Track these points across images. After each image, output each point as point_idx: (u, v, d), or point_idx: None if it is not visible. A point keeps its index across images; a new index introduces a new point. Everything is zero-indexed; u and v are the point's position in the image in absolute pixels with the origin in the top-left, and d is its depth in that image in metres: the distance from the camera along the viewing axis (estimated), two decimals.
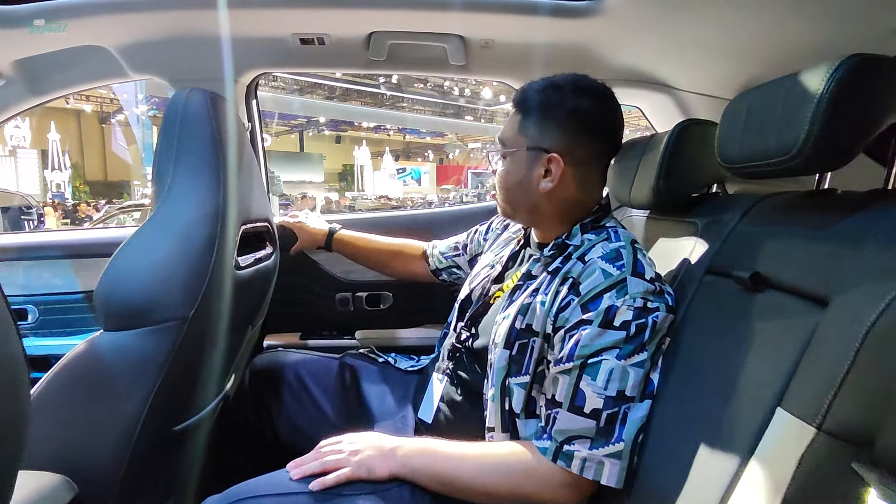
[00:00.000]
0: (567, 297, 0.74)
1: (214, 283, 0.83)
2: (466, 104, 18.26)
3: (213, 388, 1.03)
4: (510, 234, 1.04)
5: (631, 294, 0.70)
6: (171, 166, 0.83)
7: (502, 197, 0.85)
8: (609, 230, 0.81)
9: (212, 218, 0.83)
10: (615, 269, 0.73)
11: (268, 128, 18.58)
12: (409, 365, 1.14)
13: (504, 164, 0.82)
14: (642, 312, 0.70)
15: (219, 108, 0.88)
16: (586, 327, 0.70)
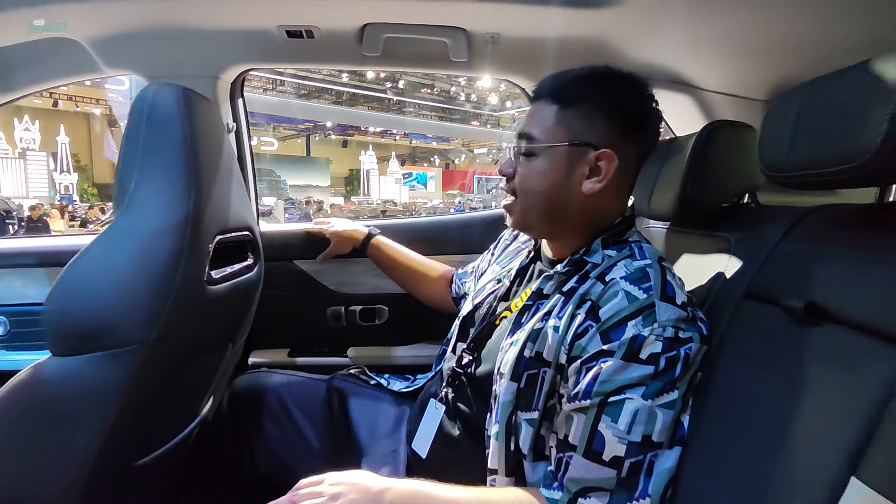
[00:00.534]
0: (584, 322, 0.64)
1: (181, 300, 0.74)
2: (472, 109, 18.21)
3: (185, 415, 0.93)
4: (519, 245, 0.94)
5: (660, 322, 0.61)
6: (134, 170, 0.74)
7: (528, 203, 0.73)
8: (633, 246, 0.71)
9: (180, 227, 0.74)
10: (641, 293, 0.63)
11: (274, 132, 18.64)
12: (403, 386, 1.04)
13: (534, 163, 0.71)
14: (673, 344, 0.60)
15: (193, 105, 0.79)
16: (607, 360, 0.60)
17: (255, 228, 1.02)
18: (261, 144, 17.92)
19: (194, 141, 0.77)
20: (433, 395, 0.86)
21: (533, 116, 0.72)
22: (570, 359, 0.65)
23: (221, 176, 0.87)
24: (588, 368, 0.62)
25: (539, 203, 0.72)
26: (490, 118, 19.27)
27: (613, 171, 0.68)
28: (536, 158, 0.71)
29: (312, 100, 15.93)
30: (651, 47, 0.98)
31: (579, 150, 0.69)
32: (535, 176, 0.71)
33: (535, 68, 1.07)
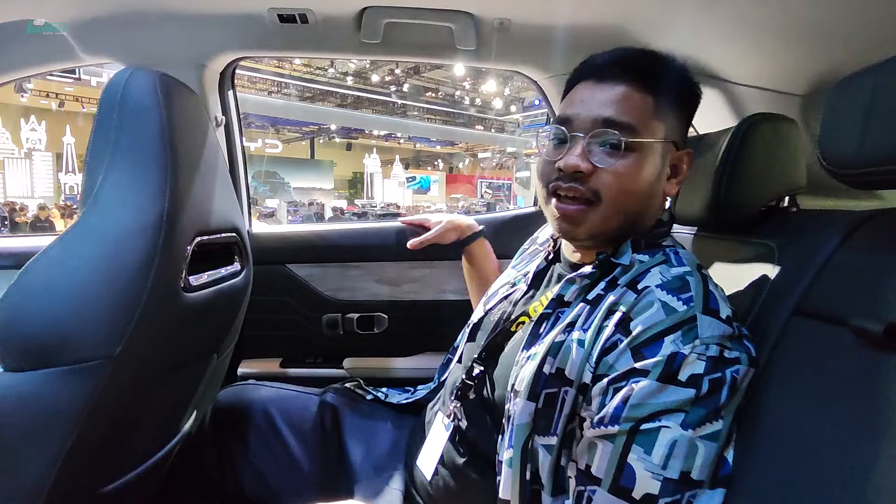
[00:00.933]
0: (613, 336, 0.56)
1: (152, 310, 0.66)
2: (477, 113, 18.16)
3: (161, 434, 0.85)
4: (537, 247, 0.86)
5: (703, 339, 0.53)
6: (104, 163, 0.66)
7: (617, 207, 0.61)
8: (668, 251, 0.63)
9: (152, 228, 0.66)
10: (680, 304, 0.55)
11: (279, 134, 18.66)
12: (403, 398, 0.95)
13: (630, 160, 0.60)
14: (718, 364, 0.52)
15: (172, 93, 0.72)
16: (639, 380, 0.53)
17: (243, 230, 0.94)
18: (265, 147, 17.94)
19: (172, 132, 0.69)
20: (439, 410, 0.78)
21: (620, 102, 0.60)
22: (596, 377, 0.56)
23: (203, 172, 0.79)
24: (616, 389, 0.54)
25: (631, 207, 0.62)
26: (494, 122, 19.21)
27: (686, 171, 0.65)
28: (632, 154, 0.60)
29: (317, 103, 15.92)
30: (675, 35, 0.89)
31: (668, 146, 0.63)
32: (633, 175, 0.60)
33: (547, 58, 0.99)
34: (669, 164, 0.63)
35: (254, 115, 15.20)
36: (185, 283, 0.73)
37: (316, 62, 13.88)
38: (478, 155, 23.51)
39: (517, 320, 0.71)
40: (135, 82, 0.68)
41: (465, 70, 14.12)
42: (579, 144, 0.60)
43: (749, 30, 0.85)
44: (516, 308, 0.74)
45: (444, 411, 0.76)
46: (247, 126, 16.93)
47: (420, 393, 0.95)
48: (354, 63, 13.66)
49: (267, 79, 14.04)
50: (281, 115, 14.91)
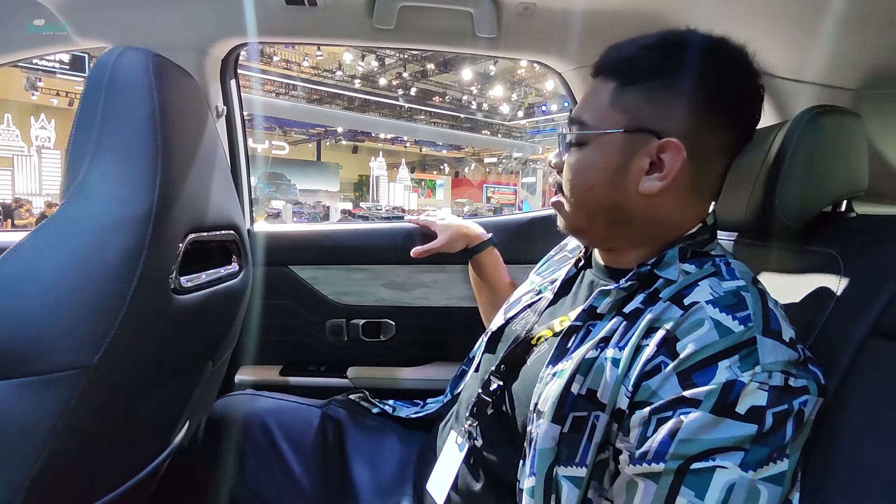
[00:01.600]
0: (655, 357, 0.49)
1: (137, 313, 0.59)
2: (484, 118, 18.13)
3: (148, 448, 0.78)
4: (566, 254, 0.79)
5: (764, 365, 0.46)
6: (88, 150, 0.60)
7: (577, 202, 0.60)
8: (718, 261, 0.55)
9: (139, 222, 0.59)
10: (737, 324, 0.48)
11: (286, 136, 18.70)
12: (412, 412, 0.88)
13: (582, 154, 0.59)
14: (783, 395, 0.45)
15: (166, 75, 0.65)
16: (689, 411, 0.46)
17: (243, 228, 0.87)
18: (272, 148, 17.98)
19: (164, 117, 0.62)
20: (452, 427, 0.71)
21: (587, 97, 0.60)
22: (635, 404, 0.49)
23: (199, 163, 0.73)
24: (661, 420, 0.47)
25: (590, 203, 0.58)
26: (501, 128, 19.16)
27: (680, 167, 0.53)
28: (586, 148, 0.58)
29: (324, 105, 15.93)
30: (716, 23, 0.81)
31: (638, 137, 0.55)
32: (582, 170, 0.58)
33: (573, 48, 0.92)
34: (646, 155, 0.54)
35: (261, 116, 15.24)
36: (175, 283, 0.66)
37: (324, 64, 13.90)
38: (484, 160, 23.48)
39: (540, 335, 0.64)
40: (125, 61, 0.62)
41: (472, 74, 14.10)
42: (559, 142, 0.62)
43: (798, 17, 0.78)
44: (541, 318, 0.67)
45: (457, 429, 0.69)
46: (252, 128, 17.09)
47: (431, 407, 0.87)
48: (362, 66, 13.66)
49: (275, 80, 14.07)
50: (288, 117, 14.92)
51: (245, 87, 14.10)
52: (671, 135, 0.53)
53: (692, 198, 0.57)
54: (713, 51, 0.55)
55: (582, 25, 0.85)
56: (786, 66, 0.85)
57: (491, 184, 22.64)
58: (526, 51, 0.96)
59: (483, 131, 19.26)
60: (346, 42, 0.93)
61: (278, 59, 13.27)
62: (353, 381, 1.15)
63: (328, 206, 14.91)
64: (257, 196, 15.19)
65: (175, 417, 0.87)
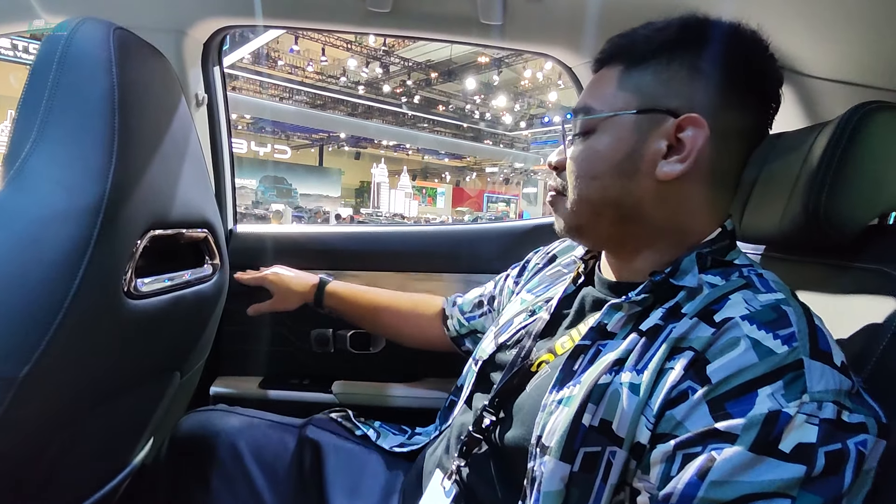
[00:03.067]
0: (682, 381, 0.42)
1: (78, 319, 0.51)
2: (486, 128, 18.13)
3: (104, 468, 0.70)
4: (560, 269, 0.71)
5: (813, 394, 0.38)
6: (32, 129, 0.52)
7: (580, 194, 0.53)
8: (747, 272, 0.48)
9: (86, 213, 0.51)
10: (779, 343, 0.41)
11: (289, 140, 18.71)
12: (396, 443, 0.80)
13: (589, 142, 0.52)
14: (836, 432, 0.38)
15: (131, 52, 0.58)
16: (723, 447, 0.38)
17: (217, 226, 0.79)
18: (274, 152, 17.99)
19: (124, 96, 0.55)
20: (438, 465, 0.63)
21: (591, 87, 0.55)
22: (657, 437, 0.42)
23: (167, 151, 0.65)
24: (688, 457, 0.39)
25: (595, 195, 0.52)
26: (503, 138, 19.16)
27: (702, 146, 0.48)
28: (591, 136, 0.52)
29: (328, 111, 15.92)
30: (747, 15, 0.74)
31: (652, 118, 0.49)
32: (588, 158, 0.52)
33: (587, 40, 0.84)
34: (662, 136, 0.49)
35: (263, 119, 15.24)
36: (128, 286, 0.58)
37: (329, 70, 13.92)
38: (485, 169, 23.49)
39: (539, 360, 0.56)
40: (82, 33, 0.54)
41: (476, 84, 14.11)
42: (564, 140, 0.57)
43: (834, 11, 0.70)
44: (538, 343, 0.59)
45: (444, 469, 0.61)
46: (257, 131, 17.09)
47: (417, 441, 0.79)
48: (366, 72, 13.68)
49: (279, 84, 14.08)
50: (291, 122, 14.91)
51: (247, 90, 14.15)
52: (690, 111, 0.48)
53: (712, 188, 0.51)
54: (727, 30, 0.50)
55: (596, 14, 0.77)
56: (820, 65, 0.78)
57: (492, 193, 22.61)
58: (534, 41, 0.88)
59: (485, 141, 19.26)
60: (338, 27, 0.86)
61: (283, 62, 13.29)
62: (338, 397, 1.06)
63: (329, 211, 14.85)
64: (259, 199, 15.16)
65: (136, 434, 0.78)
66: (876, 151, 0.53)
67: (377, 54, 12.72)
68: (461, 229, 1.14)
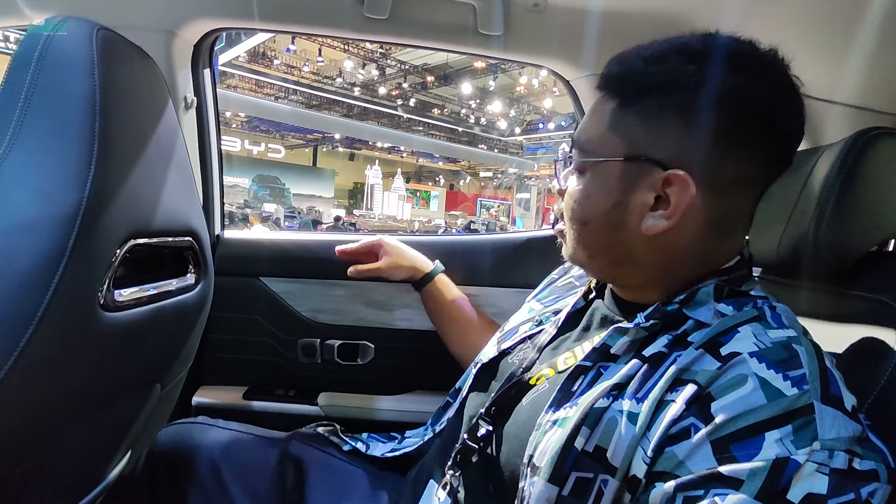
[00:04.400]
0: (684, 417, 0.40)
1: (47, 334, 0.48)
2: (481, 133, 18.16)
3: (76, 483, 0.67)
4: (571, 280, 0.69)
5: (825, 441, 0.37)
6: (6, 132, 0.50)
7: (575, 234, 0.52)
8: (761, 304, 0.46)
9: (61, 222, 0.49)
10: (789, 385, 0.39)
11: (283, 140, 18.63)
12: (387, 449, 0.77)
13: (580, 182, 0.51)
14: (846, 481, 0.36)
15: (115, 53, 0.56)
16: (727, 493, 0.36)
17: (202, 233, 0.77)
18: (268, 151, 17.89)
19: (107, 100, 0.52)
20: (431, 475, 0.61)
21: (589, 117, 0.52)
22: (655, 475, 0.40)
23: (150, 156, 0.62)
24: (689, 500, 0.37)
25: (587, 239, 0.51)
26: (498, 143, 19.21)
27: (689, 204, 0.44)
28: (584, 176, 0.51)
29: (323, 111, 15.87)
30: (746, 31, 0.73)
31: (639, 166, 0.46)
32: (580, 201, 0.51)
33: (587, 53, 0.83)
34: (649, 188, 0.46)
35: (259, 119, 15.17)
36: (105, 298, 0.55)
37: (325, 71, 13.88)
38: (480, 174, 23.53)
39: (539, 374, 0.54)
40: (64, 31, 0.52)
41: (471, 89, 14.14)
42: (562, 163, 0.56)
43: (836, 31, 0.70)
44: (542, 355, 0.58)
45: (437, 479, 0.59)
46: (251, 130, 16.99)
47: (409, 443, 0.77)
48: (363, 74, 13.65)
49: (274, 84, 14.02)
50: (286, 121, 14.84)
51: (243, 88, 14.06)
52: (678, 165, 0.44)
53: (713, 235, 0.48)
54: (735, 59, 0.45)
55: (597, 28, 0.76)
56: (818, 85, 0.77)
57: (486, 198, 22.65)
58: (532, 53, 0.87)
59: (480, 145, 19.30)
60: (333, 32, 0.84)
61: (279, 62, 13.23)
62: (324, 410, 1.03)
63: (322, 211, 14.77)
64: (251, 199, 15.05)
65: (113, 448, 0.75)
66: (877, 179, 0.52)
67: (374, 56, 12.70)
68: (455, 240, 1.12)
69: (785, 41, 0.73)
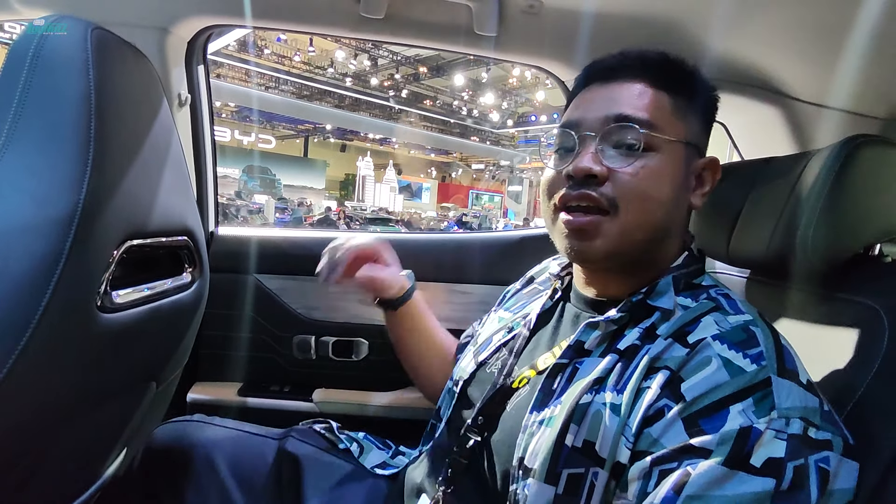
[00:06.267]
0: (658, 399, 0.44)
1: (45, 337, 0.48)
2: (474, 125, 18.11)
3: (72, 482, 0.68)
4: (535, 286, 0.71)
5: (781, 410, 0.40)
6: (1, 135, 0.50)
7: (639, 216, 0.50)
8: (714, 293, 0.50)
9: (58, 226, 0.49)
10: (748, 362, 0.43)
11: (273, 130, 18.42)
12: (378, 461, 0.78)
13: (652, 161, 0.51)
14: (801, 447, 0.39)
15: (110, 52, 0.55)
16: (697, 461, 0.40)
17: (198, 232, 0.77)
18: (258, 141, 17.69)
19: (102, 100, 0.52)
20: (424, 492, 0.62)
21: (634, 98, 0.52)
22: (636, 454, 0.43)
23: (145, 157, 0.62)
24: (665, 472, 0.41)
25: (656, 217, 0.51)
26: (490, 135, 19.17)
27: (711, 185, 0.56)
28: (654, 155, 0.51)
29: (314, 102, 15.70)
30: (737, 38, 0.74)
31: (691, 151, 0.54)
32: (654, 178, 0.50)
33: (581, 54, 0.83)
34: (693, 170, 0.54)
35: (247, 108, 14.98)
36: (102, 300, 0.56)
37: (316, 61, 13.72)
38: (472, 166, 23.48)
39: (520, 377, 0.56)
40: (58, 31, 0.52)
41: (464, 80, 14.07)
42: (590, 146, 0.51)
43: (825, 37, 0.71)
44: (520, 359, 0.59)
45: (429, 495, 0.60)
46: (241, 120, 16.77)
47: (400, 461, 0.78)
48: (354, 64, 13.52)
49: (264, 73, 13.84)
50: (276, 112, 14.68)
51: (234, 77, 13.87)
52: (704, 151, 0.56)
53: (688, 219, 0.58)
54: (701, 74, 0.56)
55: (591, 29, 0.76)
56: (808, 90, 0.79)
57: (478, 190, 22.63)
58: (528, 54, 0.87)
59: (472, 137, 19.25)
60: (330, 31, 0.84)
61: (269, 51, 13.05)
62: (319, 406, 1.04)
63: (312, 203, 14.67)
64: (241, 190, 14.89)
65: (109, 445, 0.76)
66: (864, 185, 0.53)
67: (366, 47, 12.57)
68: (447, 238, 1.12)
69: (775, 46, 0.75)
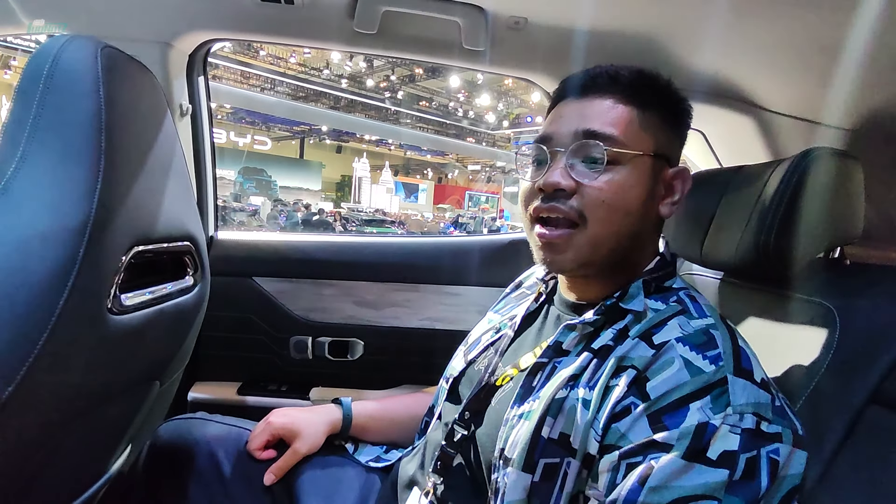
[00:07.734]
0: (625, 397, 0.47)
1: (63, 338, 0.52)
2: (469, 126, 18.17)
3: (80, 477, 0.71)
4: (523, 290, 0.75)
5: (735, 406, 0.44)
6: (18, 149, 0.53)
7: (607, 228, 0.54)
8: (682, 296, 0.54)
9: (72, 234, 0.52)
10: (707, 363, 0.47)
11: (269, 131, 18.40)
12: (372, 456, 0.82)
13: (618, 174, 0.54)
14: (754, 440, 0.43)
15: (118, 68, 0.59)
16: (660, 455, 0.44)
17: (200, 238, 0.80)
18: (254, 143, 17.67)
19: (112, 116, 0.56)
20: (416, 483, 0.65)
21: (602, 114, 0.55)
22: (604, 448, 0.47)
23: (152, 168, 0.66)
24: (631, 465, 0.45)
25: (623, 227, 0.54)
26: (486, 136, 19.23)
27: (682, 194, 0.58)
28: (620, 168, 0.54)
29: (310, 103, 15.71)
30: (710, 53, 0.79)
31: (658, 163, 0.56)
32: (625, 190, 0.54)
33: (565, 67, 0.87)
34: (663, 182, 0.57)
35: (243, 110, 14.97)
36: (112, 303, 0.59)
37: (312, 62, 13.74)
38: (468, 167, 23.53)
39: (504, 375, 0.60)
40: (69, 51, 0.55)
41: (460, 82, 14.12)
42: (560, 160, 0.54)
43: (796, 52, 0.75)
44: (504, 358, 0.63)
45: (420, 486, 0.63)
46: (237, 121, 16.73)
47: (393, 455, 0.81)
48: (350, 66, 13.54)
49: (260, 75, 13.83)
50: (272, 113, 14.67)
51: (229, 79, 13.86)
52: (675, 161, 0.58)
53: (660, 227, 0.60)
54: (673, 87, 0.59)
55: (574, 44, 0.81)
56: (780, 101, 0.83)
57: (474, 191, 22.68)
58: (515, 67, 0.92)
59: (468, 139, 19.30)
60: (325, 45, 0.87)
61: (265, 53, 13.06)
62: (316, 404, 1.08)
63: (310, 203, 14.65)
64: (237, 192, 14.86)
65: (114, 443, 0.79)
66: (821, 194, 0.58)
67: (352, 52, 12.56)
68: (442, 241, 1.16)
69: (749, 61, 0.79)
